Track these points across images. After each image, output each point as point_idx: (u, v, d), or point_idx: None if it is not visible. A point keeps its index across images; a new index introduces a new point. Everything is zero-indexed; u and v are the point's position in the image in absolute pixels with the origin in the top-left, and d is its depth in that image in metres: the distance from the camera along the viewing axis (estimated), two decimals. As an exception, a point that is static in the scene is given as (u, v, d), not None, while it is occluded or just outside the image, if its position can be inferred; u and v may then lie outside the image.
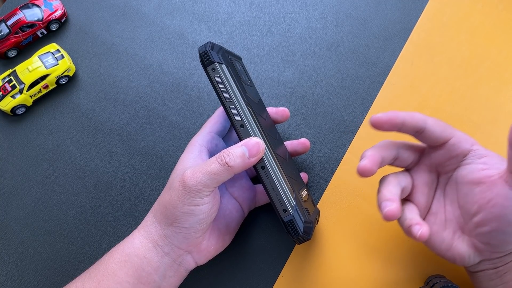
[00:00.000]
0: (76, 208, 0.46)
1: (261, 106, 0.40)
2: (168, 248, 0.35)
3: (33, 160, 0.49)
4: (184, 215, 0.34)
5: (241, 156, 0.33)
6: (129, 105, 0.50)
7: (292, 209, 0.34)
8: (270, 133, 0.37)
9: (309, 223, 0.35)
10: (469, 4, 0.51)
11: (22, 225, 0.46)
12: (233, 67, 0.36)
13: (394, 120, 0.34)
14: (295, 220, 0.34)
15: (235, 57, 0.40)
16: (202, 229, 0.35)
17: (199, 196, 0.33)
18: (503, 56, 0.48)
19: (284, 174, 0.35)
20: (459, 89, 0.48)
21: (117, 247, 0.36)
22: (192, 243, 0.35)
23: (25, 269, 0.44)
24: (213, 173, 0.33)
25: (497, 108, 0.47)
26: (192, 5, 0.54)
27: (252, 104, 0.36)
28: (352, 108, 0.48)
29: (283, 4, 0.53)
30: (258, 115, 0.36)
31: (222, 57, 0.35)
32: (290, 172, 0.37)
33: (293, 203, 0.34)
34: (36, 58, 0.50)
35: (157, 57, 0.52)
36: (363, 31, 0.51)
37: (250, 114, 0.35)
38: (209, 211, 0.35)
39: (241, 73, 0.38)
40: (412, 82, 0.48)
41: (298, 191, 0.37)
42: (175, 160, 0.47)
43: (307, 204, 0.38)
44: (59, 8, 0.53)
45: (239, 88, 0.35)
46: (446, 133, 0.34)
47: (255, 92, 0.40)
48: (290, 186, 0.35)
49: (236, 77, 0.35)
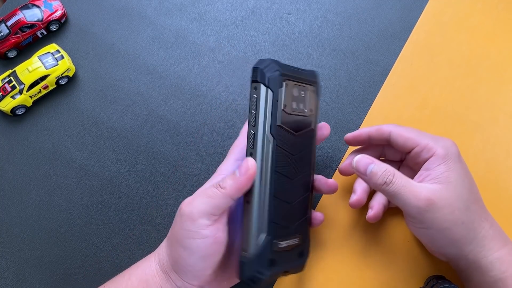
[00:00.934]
0: (76, 208, 0.46)
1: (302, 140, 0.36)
2: (180, 283, 0.34)
3: (33, 160, 0.49)
4: (184, 251, 0.33)
5: (232, 177, 0.33)
6: (129, 105, 0.50)
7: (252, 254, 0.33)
8: (289, 172, 0.35)
9: (262, 274, 0.33)
10: (469, 4, 0.51)
11: (22, 225, 0.46)
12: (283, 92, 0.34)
13: (359, 137, 0.41)
14: (245, 264, 0.33)
15: (304, 81, 0.37)
16: (210, 267, 0.34)
17: (195, 226, 0.32)
18: (503, 56, 0.48)
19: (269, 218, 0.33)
20: (459, 89, 0.48)
21: (134, 271, 0.36)
22: (204, 281, 0.34)
23: (25, 269, 0.44)
24: (208, 196, 0.33)
25: (497, 108, 0.46)
26: (192, 5, 0.54)
27: (281, 137, 0.34)
28: (352, 108, 0.48)
29: (283, 4, 0.53)
30: (283, 150, 0.34)
31: (271, 79, 0.33)
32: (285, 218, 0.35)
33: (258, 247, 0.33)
34: (36, 58, 0.50)
35: (157, 57, 0.52)
36: (363, 31, 0.51)
37: (263, 144, 0.33)
38: (209, 247, 0.33)
39: (297, 100, 0.36)
40: (412, 82, 0.48)
41: (280, 239, 0.34)
42: (175, 160, 0.47)
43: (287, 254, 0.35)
44: (59, 9, 0.53)
45: (270, 117, 0.33)
46: (408, 144, 0.37)
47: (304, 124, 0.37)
48: (268, 231, 0.33)
49: (274, 105, 0.33)
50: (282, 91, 0.34)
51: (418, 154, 0.37)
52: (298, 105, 0.36)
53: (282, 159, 0.34)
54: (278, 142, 0.34)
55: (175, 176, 0.47)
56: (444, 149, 0.36)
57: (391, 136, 0.38)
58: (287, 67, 0.35)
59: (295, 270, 0.37)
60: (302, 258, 0.37)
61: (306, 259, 0.38)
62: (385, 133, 0.39)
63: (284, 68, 0.35)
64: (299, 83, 0.36)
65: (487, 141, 0.45)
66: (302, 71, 0.37)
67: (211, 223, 0.33)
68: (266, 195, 0.33)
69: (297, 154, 0.36)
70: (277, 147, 0.34)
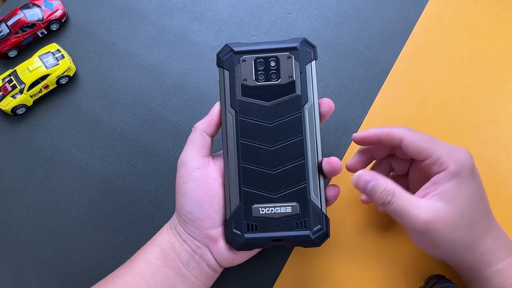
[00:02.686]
0: (76, 207, 0.46)
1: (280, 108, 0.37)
2: (185, 236, 0.36)
3: (33, 160, 0.49)
4: (181, 197, 0.36)
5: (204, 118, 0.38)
6: (129, 105, 0.50)
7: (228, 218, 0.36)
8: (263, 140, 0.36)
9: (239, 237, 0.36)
10: (469, 4, 0.51)
11: (22, 225, 0.46)
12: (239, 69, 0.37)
13: (368, 139, 0.38)
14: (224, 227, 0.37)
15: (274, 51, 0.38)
16: (207, 217, 0.36)
17: (185, 169, 0.36)
18: (503, 56, 0.48)
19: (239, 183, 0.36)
20: (459, 89, 0.48)
21: (152, 238, 0.39)
22: (205, 235, 0.36)
23: (25, 269, 0.45)
24: (188, 141, 0.38)
25: (497, 108, 0.47)
26: (192, 5, 0.54)
27: (245, 109, 0.37)
28: (352, 108, 0.48)
29: (283, 4, 0.53)
30: (249, 120, 0.37)
31: (225, 60, 0.38)
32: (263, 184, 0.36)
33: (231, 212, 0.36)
34: (37, 58, 0.50)
35: (157, 57, 0.52)
36: (363, 31, 0.51)
37: (230, 118, 0.37)
38: (202, 192, 0.36)
39: (265, 71, 0.37)
40: (412, 82, 0.48)
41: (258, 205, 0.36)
42: (175, 160, 0.47)
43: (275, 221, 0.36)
44: (59, 8, 0.53)
45: (229, 93, 0.37)
46: (421, 154, 0.35)
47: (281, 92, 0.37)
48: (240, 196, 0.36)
49: (231, 82, 0.37)
50: (239, 67, 0.37)
51: (429, 166, 0.35)
52: (268, 75, 0.37)
53: (248, 129, 0.37)
54: (240, 113, 0.37)
55: (175, 176, 0.47)
56: (457, 164, 0.34)
57: (403, 143, 0.36)
58: (247, 45, 0.38)
59: (300, 242, 0.36)
60: (305, 230, 0.36)
61: (315, 232, 0.36)
62: (395, 139, 0.36)
63: (242, 47, 0.38)
64: (264, 55, 0.38)
65: (487, 141, 0.45)
66: (274, 43, 0.38)
67: (200, 165, 0.37)
68: (233, 164, 0.36)
69: (274, 122, 0.37)
70: (240, 117, 0.37)
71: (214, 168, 0.37)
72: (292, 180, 0.36)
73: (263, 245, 0.36)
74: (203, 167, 0.37)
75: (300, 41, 0.38)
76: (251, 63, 0.37)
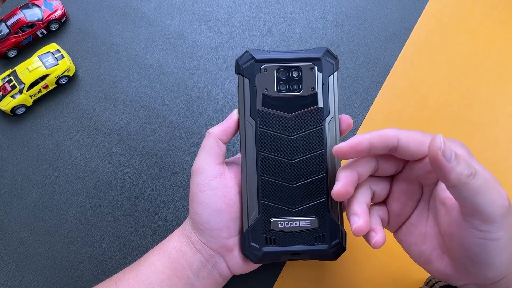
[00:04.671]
0: (76, 207, 0.46)
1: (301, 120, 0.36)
2: (199, 245, 0.36)
3: (33, 160, 0.49)
4: (198, 206, 0.35)
5: (218, 124, 0.37)
6: (129, 105, 0.50)
7: (245, 230, 0.36)
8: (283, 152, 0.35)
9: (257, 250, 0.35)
10: (469, 4, 0.51)
11: (22, 225, 0.46)
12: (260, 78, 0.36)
13: (358, 147, 0.31)
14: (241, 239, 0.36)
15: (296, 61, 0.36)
16: (224, 226, 0.35)
17: (202, 177, 0.35)
18: (502, 56, 0.49)
19: (258, 196, 0.35)
20: (459, 89, 0.48)
21: (159, 244, 0.38)
22: (221, 244, 0.35)
23: (25, 269, 0.44)
24: (202, 147, 0.37)
25: (497, 108, 0.47)
26: (192, 5, 0.54)
27: (265, 120, 0.35)
28: (352, 108, 0.48)
29: (283, 4, 0.53)
30: (269, 131, 0.35)
31: (246, 68, 0.36)
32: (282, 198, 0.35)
33: (249, 224, 0.35)
34: (36, 58, 0.50)
35: (157, 57, 0.52)
36: (363, 31, 0.51)
37: (250, 129, 0.36)
38: (220, 200, 0.35)
39: (286, 81, 0.36)
40: (412, 82, 0.48)
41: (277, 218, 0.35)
42: (175, 160, 0.47)
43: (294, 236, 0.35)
44: (59, 8, 0.53)
45: (249, 103, 0.36)
46: (422, 148, 0.31)
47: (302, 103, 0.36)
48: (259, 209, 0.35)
49: (252, 91, 0.36)
50: (260, 76, 0.36)
51: None
52: (289, 86, 0.36)
53: (269, 140, 0.36)
54: (261, 124, 0.36)
55: (175, 176, 0.47)
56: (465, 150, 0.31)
57: (400, 141, 0.31)
58: (269, 53, 0.36)
59: (318, 256, 0.36)
60: (323, 244, 0.35)
61: (332, 246, 0.35)
62: (391, 139, 0.31)
63: (264, 55, 0.36)
64: (287, 65, 0.36)
65: (487, 141, 0.45)
66: (296, 52, 0.37)
67: (216, 173, 0.36)
68: (252, 175, 0.35)
69: (294, 134, 0.36)
70: (260, 128, 0.35)
71: (230, 176, 0.36)
72: (312, 194, 0.36)
73: (281, 259, 0.36)
74: (219, 175, 0.36)
75: (323, 51, 0.36)
76: (272, 72, 0.36)
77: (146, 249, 0.39)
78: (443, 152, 0.26)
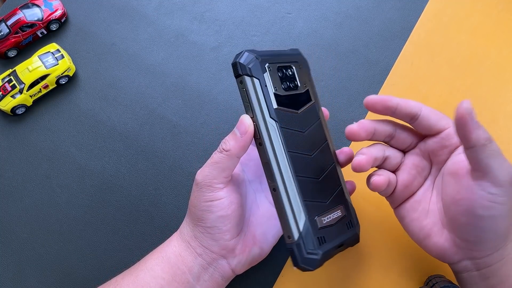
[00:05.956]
0: (76, 207, 0.46)
1: (307, 116, 0.37)
2: (200, 250, 0.35)
3: (33, 160, 0.49)
4: (203, 213, 0.35)
5: (233, 138, 0.34)
6: (129, 105, 0.50)
7: (297, 238, 0.33)
8: (304, 148, 0.35)
9: (315, 254, 0.33)
10: (469, 4, 0.51)
11: (22, 225, 0.46)
12: (268, 77, 0.35)
13: (387, 103, 0.35)
14: (295, 250, 0.33)
15: (287, 61, 0.37)
16: (228, 230, 0.35)
17: (210, 190, 0.34)
18: (503, 56, 0.49)
19: (300, 197, 0.33)
20: (459, 89, 0.48)
21: (158, 248, 0.37)
22: (223, 246, 0.35)
23: (25, 269, 0.44)
24: (215, 163, 0.34)
25: (497, 108, 0.47)
26: (192, 5, 0.54)
27: (283, 119, 0.34)
28: (352, 108, 0.48)
29: (283, 4, 0.53)
30: (289, 130, 0.34)
31: (255, 67, 0.34)
32: (317, 193, 0.35)
33: (301, 230, 0.33)
34: (36, 58, 0.50)
35: (157, 57, 0.52)
36: (363, 31, 0.51)
37: (273, 130, 0.34)
38: (227, 207, 0.34)
39: (286, 79, 0.36)
40: (412, 82, 0.48)
41: (320, 215, 0.35)
42: (175, 160, 0.47)
43: (334, 228, 0.35)
44: (59, 8, 0.53)
45: (265, 103, 0.34)
46: (441, 123, 0.34)
47: (298, 101, 0.37)
48: (305, 211, 0.33)
49: (264, 91, 0.34)
50: (268, 75, 0.35)
51: (449, 135, 0.34)
52: (290, 84, 0.36)
53: (291, 139, 0.34)
54: (282, 124, 0.34)
55: (175, 176, 0.47)
56: None
57: (423, 112, 0.34)
58: (264, 52, 0.36)
59: (351, 242, 0.37)
60: (353, 228, 0.37)
61: (357, 228, 0.37)
62: (414, 108, 0.35)
63: (262, 54, 0.35)
64: (282, 63, 0.37)
65: (487, 141, 0.45)
66: (281, 52, 0.37)
67: (225, 185, 0.35)
68: (289, 178, 0.34)
69: (306, 130, 0.36)
70: (282, 128, 0.34)
71: (236, 182, 0.37)
72: (333, 184, 0.37)
73: (331, 255, 0.35)
74: (227, 184, 0.35)
75: (298, 51, 0.38)
76: (275, 71, 0.35)
77: (146, 249, 0.39)
78: (469, 114, 0.30)
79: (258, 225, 0.38)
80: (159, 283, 0.34)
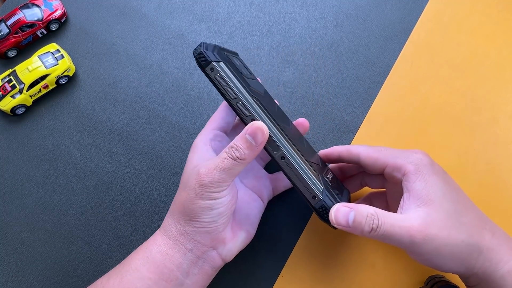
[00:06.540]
0: (76, 207, 0.46)
1: (268, 97, 0.39)
2: (191, 245, 0.35)
3: (33, 160, 0.49)
4: (204, 210, 0.34)
5: (249, 147, 0.34)
6: (129, 105, 0.50)
7: (322, 194, 0.34)
8: (283, 122, 0.36)
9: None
10: (469, 4, 0.51)
11: (22, 225, 0.46)
12: (231, 63, 0.36)
13: (330, 156, 0.40)
14: (326, 205, 0.33)
15: (231, 53, 0.39)
16: (224, 222, 0.35)
17: (217, 191, 0.34)
18: (503, 56, 0.48)
19: (306, 160, 0.34)
20: (459, 89, 0.48)
21: (141, 246, 0.37)
22: (216, 238, 0.35)
23: (25, 269, 0.44)
24: (227, 169, 0.34)
25: (497, 108, 0.47)
26: (192, 5, 0.54)
27: (259, 97, 0.35)
28: (352, 108, 0.48)
29: (283, 4, 0.53)
30: (266, 106, 0.35)
31: (218, 55, 0.35)
32: (311, 157, 0.36)
33: (321, 188, 0.34)
34: (36, 58, 0.50)
35: (157, 57, 0.52)
36: (363, 31, 0.51)
37: (258, 107, 0.34)
38: (228, 203, 0.35)
39: (241, 67, 0.38)
40: (412, 82, 0.48)
41: (324, 175, 0.36)
42: (175, 160, 0.47)
43: (335, 186, 0.37)
44: (59, 8, 0.53)
45: (242, 83, 0.34)
46: (378, 164, 0.37)
47: (258, 85, 0.39)
48: (315, 171, 0.34)
49: (237, 73, 0.35)
50: (231, 60, 0.36)
51: (391, 174, 0.36)
52: (245, 71, 0.38)
53: (273, 113, 0.35)
54: (262, 102, 0.35)
55: (175, 176, 0.47)
56: (413, 164, 0.34)
57: (360, 158, 0.38)
58: (215, 45, 0.37)
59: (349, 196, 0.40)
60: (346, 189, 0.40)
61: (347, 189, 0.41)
62: (354, 155, 0.38)
63: (216, 45, 0.36)
64: (232, 54, 0.39)
65: (487, 141, 0.45)
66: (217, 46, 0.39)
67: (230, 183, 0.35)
68: (290, 145, 0.34)
69: (275, 107, 0.38)
70: (263, 105, 0.35)
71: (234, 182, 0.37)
72: (312, 150, 0.39)
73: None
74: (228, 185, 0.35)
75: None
76: (234, 58, 0.38)
77: (146, 249, 0.39)
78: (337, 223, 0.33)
79: (241, 209, 0.39)
80: (146, 284, 0.34)
